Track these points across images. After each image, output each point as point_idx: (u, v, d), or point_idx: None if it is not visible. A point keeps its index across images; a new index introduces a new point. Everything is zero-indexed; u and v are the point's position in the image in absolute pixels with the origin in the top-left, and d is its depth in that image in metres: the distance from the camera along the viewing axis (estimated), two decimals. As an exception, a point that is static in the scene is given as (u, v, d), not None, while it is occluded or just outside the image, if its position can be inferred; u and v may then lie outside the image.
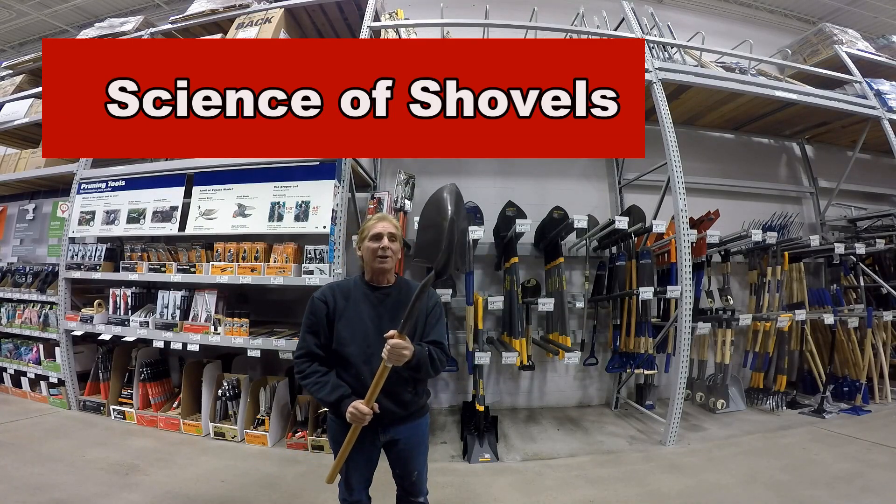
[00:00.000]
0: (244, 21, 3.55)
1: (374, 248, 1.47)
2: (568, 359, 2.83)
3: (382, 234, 1.49)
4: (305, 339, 1.45)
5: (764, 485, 2.29)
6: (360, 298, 1.49)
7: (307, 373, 1.42)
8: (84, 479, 2.29)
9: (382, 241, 1.48)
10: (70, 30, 5.61)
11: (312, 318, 1.46)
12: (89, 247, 3.46)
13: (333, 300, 1.47)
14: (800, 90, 3.68)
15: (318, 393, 1.40)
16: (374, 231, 1.49)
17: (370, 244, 1.49)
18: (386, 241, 1.48)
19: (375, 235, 1.49)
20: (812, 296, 3.90)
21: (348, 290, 1.51)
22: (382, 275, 1.52)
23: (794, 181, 4.71)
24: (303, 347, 1.45)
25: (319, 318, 1.45)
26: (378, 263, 1.49)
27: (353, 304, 1.47)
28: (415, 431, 1.53)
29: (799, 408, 3.50)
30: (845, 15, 5.39)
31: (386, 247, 1.48)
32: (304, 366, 1.43)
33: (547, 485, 2.36)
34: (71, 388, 3.40)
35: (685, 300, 2.89)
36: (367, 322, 1.45)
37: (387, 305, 1.49)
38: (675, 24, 4.05)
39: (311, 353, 1.44)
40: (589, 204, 3.93)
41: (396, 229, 1.54)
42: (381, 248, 1.47)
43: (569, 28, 3.65)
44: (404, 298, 1.47)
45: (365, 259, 1.52)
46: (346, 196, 2.89)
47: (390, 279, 1.55)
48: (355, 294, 1.49)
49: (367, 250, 1.50)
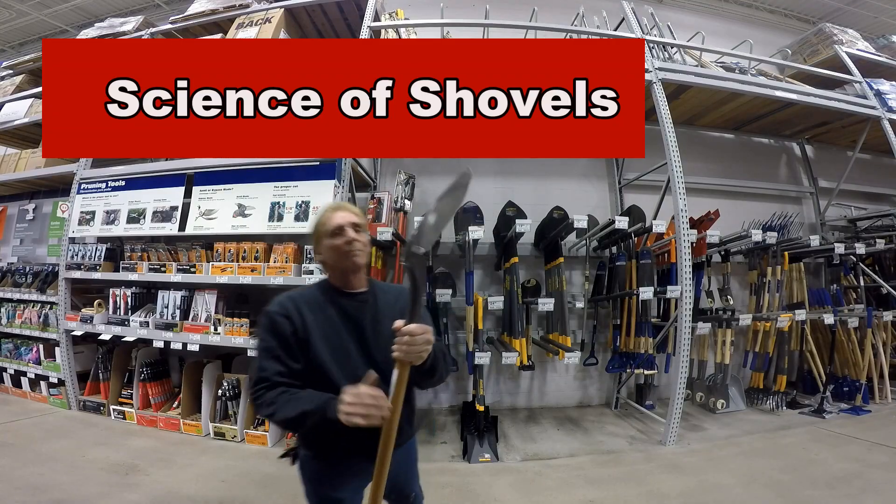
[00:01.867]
0: (244, 21, 3.55)
1: (339, 245, 1.21)
2: (568, 359, 2.82)
3: (343, 225, 1.21)
4: (264, 366, 1.09)
5: (764, 485, 2.29)
6: (333, 309, 1.20)
7: (267, 398, 1.06)
8: (84, 479, 2.29)
9: (346, 233, 1.21)
10: (70, 30, 5.61)
11: (272, 339, 1.13)
12: (89, 247, 3.46)
13: (299, 315, 1.15)
14: (800, 90, 3.68)
15: (290, 409, 1.03)
16: (333, 224, 1.22)
17: (331, 241, 1.22)
18: (351, 233, 1.21)
19: (336, 229, 1.22)
20: (812, 296, 3.90)
21: (315, 299, 1.21)
22: (356, 275, 1.25)
23: (794, 181, 4.71)
24: (262, 377, 1.09)
25: (283, 338, 1.12)
26: (350, 259, 1.21)
27: (326, 316, 1.18)
28: (407, 455, 1.29)
29: (799, 408, 3.50)
30: (845, 15, 5.39)
31: (353, 239, 1.20)
32: (260, 392, 1.08)
33: (547, 485, 2.36)
34: (71, 388, 3.40)
35: (685, 300, 2.89)
36: (347, 337, 1.18)
37: (366, 314, 1.22)
38: (674, 24, 4.05)
39: (272, 385, 1.09)
40: (589, 204, 3.93)
41: (360, 217, 1.27)
42: (346, 242, 1.20)
43: (569, 28, 3.65)
44: (385, 304, 1.25)
45: (329, 262, 1.24)
46: (346, 196, 2.89)
47: (363, 282, 1.28)
48: (325, 304, 1.20)
49: (329, 250, 1.22)
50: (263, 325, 1.16)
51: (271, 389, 1.07)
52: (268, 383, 1.08)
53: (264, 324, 1.16)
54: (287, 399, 1.05)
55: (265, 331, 1.15)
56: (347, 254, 1.20)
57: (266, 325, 1.15)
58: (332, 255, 1.22)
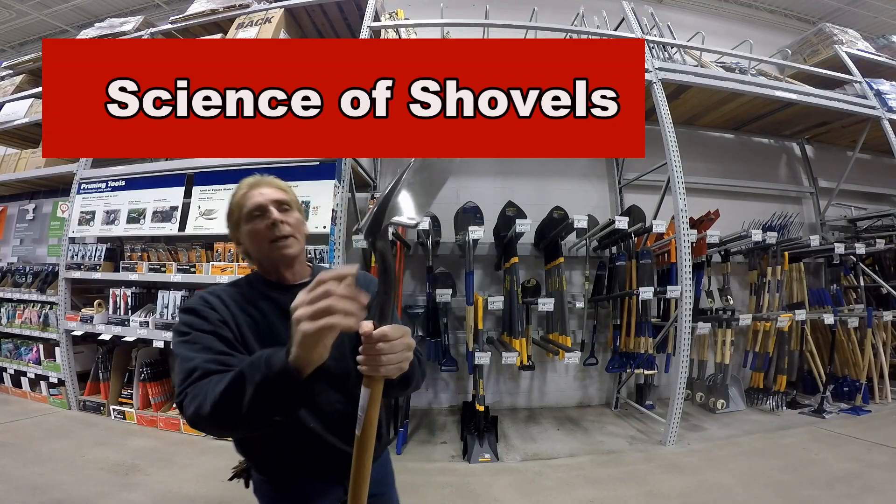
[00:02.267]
0: (244, 21, 3.55)
1: (261, 230, 0.94)
2: (568, 359, 2.82)
3: (264, 204, 0.95)
4: (189, 356, 0.81)
5: (764, 485, 2.29)
6: (266, 305, 0.94)
7: (194, 392, 0.75)
8: (84, 479, 2.29)
9: (269, 213, 0.94)
10: (70, 30, 5.61)
11: (196, 329, 0.85)
12: (89, 247, 3.45)
13: (227, 310, 0.90)
14: (800, 90, 3.68)
15: (218, 387, 0.71)
16: (252, 204, 0.95)
17: (252, 226, 0.95)
18: (276, 214, 0.94)
19: (255, 210, 0.95)
20: (812, 296, 3.90)
21: (246, 296, 0.95)
22: (288, 266, 0.98)
23: (794, 181, 4.71)
24: (188, 368, 0.78)
25: (211, 327, 0.86)
26: (277, 249, 0.94)
27: (259, 313, 0.93)
28: (384, 468, 1.07)
29: (799, 408, 3.50)
30: (845, 15, 5.39)
31: (279, 220, 0.94)
32: (186, 388, 0.77)
33: (547, 485, 2.36)
34: (71, 388, 3.40)
35: (685, 300, 2.89)
36: (286, 338, 0.77)
37: None
38: (675, 24, 4.05)
39: (204, 374, 0.77)
40: (589, 204, 3.93)
41: (286, 193, 1.01)
42: (269, 225, 0.94)
43: (569, 28, 3.65)
44: None
45: (252, 251, 0.98)
46: (346, 196, 2.89)
47: (303, 272, 1.02)
48: (256, 299, 0.95)
49: (250, 237, 0.96)
50: (186, 320, 0.88)
51: (202, 379, 0.76)
52: (198, 372, 0.77)
53: (187, 318, 0.88)
54: (218, 380, 0.73)
55: (186, 325, 0.86)
56: (273, 241, 0.94)
57: (190, 318, 0.87)
58: (254, 244, 0.96)
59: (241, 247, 1.01)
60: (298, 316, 0.62)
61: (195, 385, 0.76)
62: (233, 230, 1.02)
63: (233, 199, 1.00)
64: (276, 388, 0.65)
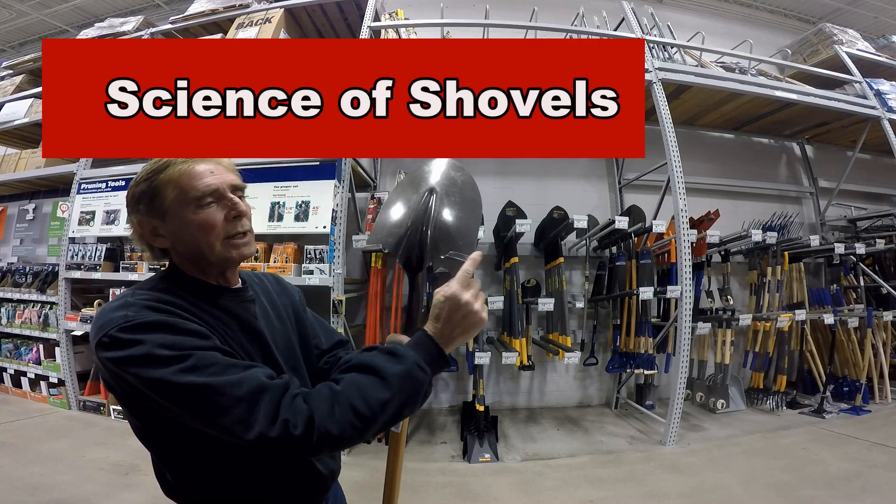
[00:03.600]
0: (244, 21, 3.55)
1: (216, 222, 0.73)
2: (568, 359, 2.83)
3: (221, 189, 0.75)
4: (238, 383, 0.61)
5: (764, 485, 2.29)
6: (222, 315, 0.75)
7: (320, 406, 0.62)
8: (84, 479, 2.29)
9: (232, 202, 0.76)
10: (70, 30, 5.61)
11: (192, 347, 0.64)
12: (89, 247, 3.46)
13: (191, 316, 0.70)
14: (800, 90, 3.68)
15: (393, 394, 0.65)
16: (204, 186, 0.73)
17: (203, 216, 0.73)
18: (242, 205, 0.77)
19: (209, 194, 0.73)
20: (812, 296, 3.90)
21: (193, 303, 0.72)
22: (234, 268, 0.82)
23: (794, 181, 4.71)
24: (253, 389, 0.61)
25: (208, 341, 0.67)
26: (234, 247, 0.76)
27: (221, 325, 0.73)
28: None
29: (799, 408, 3.50)
30: (845, 15, 5.39)
31: (243, 213, 0.77)
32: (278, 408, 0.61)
33: (547, 485, 2.36)
34: (71, 387, 3.39)
35: (685, 300, 2.89)
36: (253, 352, 0.76)
37: (258, 316, 0.81)
38: (675, 25, 4.05)
39: (279, 391, 0.63)
40: (589, 204, 3.93)
41: (238, 176, 0.81)
42: (230, 217, 0.75)
43: (569, 28, 3.65)
44: (270, 300, 0.87)
45: (190, 247, 0.75)
46: (346, 196, 2.89)
47: (237, 274, 0.85)
48: (209, 309, 0.74)
49: (196, 227, 0.73)
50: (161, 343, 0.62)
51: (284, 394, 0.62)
52: (275, 391, 0.62)
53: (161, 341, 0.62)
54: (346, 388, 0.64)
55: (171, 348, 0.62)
56: (230, 239, 0.75)
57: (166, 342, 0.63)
58: (199, 238, 0.73)
59: (161, 239, 0.76)
60: (476, 308, 0.75)
61: (281, 405, 0.61)
62: (152, 215, 0.74)
63: (159, 175, 0.73)
64: (436, 374, 0.70)
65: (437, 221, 0.90)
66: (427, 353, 0.69)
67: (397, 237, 0.91)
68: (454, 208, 0.94)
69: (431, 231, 0.88)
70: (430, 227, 0.87)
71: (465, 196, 0.97)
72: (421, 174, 1.02)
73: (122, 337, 0.62)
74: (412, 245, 0.87)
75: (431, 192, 0.93)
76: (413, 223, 0.90)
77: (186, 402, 0.61)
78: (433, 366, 0.69)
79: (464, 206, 0.96)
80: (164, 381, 0.61)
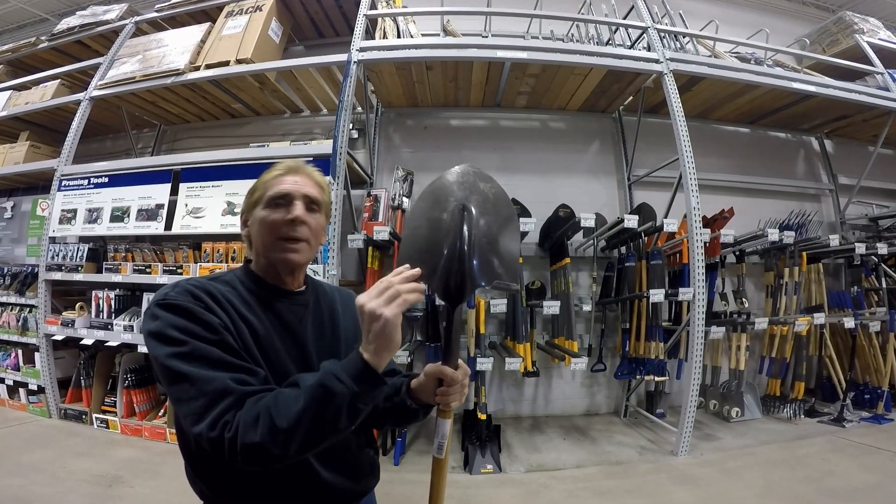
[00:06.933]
0: (234, 9, 3.55)
1: (276, 221, 0.85)
2: (574, 365, 2.82)
3: (293, 195, 0.86)
4: (211, 379, 0.69)
5: (781, 497, 2.29)
6: (267, 315, 0.85)
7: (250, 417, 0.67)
8: (66, 490, 2.29)
9: (294, 208, 0.86)
10: (51, 18, 5.61)
11: (194, 336, 0.73)
12: (70, 247, 3.46)
13: (227, 316, 0.78)
14: (818, 82, 3.68)
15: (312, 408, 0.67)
16: (279, 190, 0.86)
17: (267, 214, 0.86)
18: (300, 210, 0.86)
19: (279, 197, 0.86)
20: (831, 298, 3.90)
21: (243, 298, 0.84)
22: (289, 272, 0.90)
23: (813, 177, 4.71)
24: (217, 391, 0.68)
25: (216, 334, 0.74)
26: (281, 249, 0.86)
27: (260, 324, 0.82)
28: (371, 501, 1.06)
29: (818, 416, 3.50)
30: (866, 3, 5.38)
31: (299, 218, 0.85)
32: (225, 415, 0.67)
33: (552, 497, 2.36)
34: (51, 395, 3.40)
35: (698, 303, 2.89)
36: (284, 354, 0.83)
37: (307, 324, 0.90)
38: (687, 13, 4.04)
39: (238, 398, 0.69)
40: (597, 202, 3.93)
41: (321, 191, 0.92)
42: (288, 221, 0.85)
43: (575, 17, 3.65)
44: (330, 312, 0.96)
45: (256, 241, 0.88)
46: (340, 193, 2.89)
47: (301, 281, 0.95)
48: (256, 307, 0.85)
49: (261, 223, 0.86)
50: (172, 324, 0.73)
51: (238, 405, 0.68)
52: (232, 397, 0.68)
53: (173, 322, 0.73)
54: (275, 399, 0.68)
55: (178, 330, 0.72)
56: (282, 241, 0.85)
57: (177, 325, 0.73)
58: (261, 234, 0.87)
59: (247, 230, 0.92)
60: (372, 308, 0.69)
61: (231, 410, 0.67)
62: (247, 209, 0.92)
63: (262, 177, 0.92)
64: (365, 392, 0.69)
65: (478, 247, 0.85)
66: (353, 366, 0.70)
67: (430, 266, 0.84)
68: (492, 229, 0.89)
69: (471, 258, 0.84)
70: (470, 255, 0.84)
71: (501, 214, 0.92)
72: (444, 187, 0.93)
73: (152, 311, 0.76)
74: (450, 274, 0.83)
75: (463, 211, 0.87)
76: (450, 251, 0.84)
77: (167, 382, 0.73)
78: (359, 379, 0.69)
79: (501, 226, 0.91)
80: (158, 358, 0.73)
